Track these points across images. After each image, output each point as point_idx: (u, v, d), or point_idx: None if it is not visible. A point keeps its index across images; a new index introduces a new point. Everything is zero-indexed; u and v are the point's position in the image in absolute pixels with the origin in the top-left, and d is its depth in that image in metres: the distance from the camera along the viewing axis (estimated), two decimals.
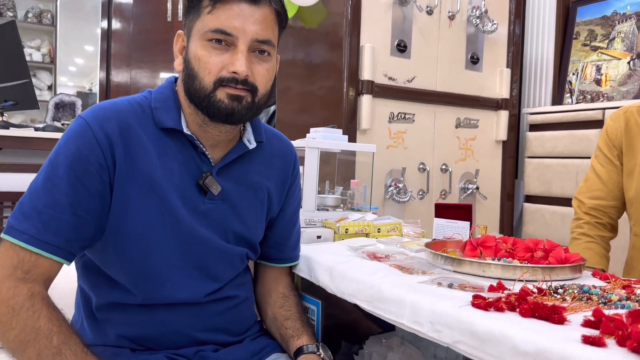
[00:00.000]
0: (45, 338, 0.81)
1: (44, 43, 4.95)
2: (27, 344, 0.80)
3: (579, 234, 1.52)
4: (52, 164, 0.87)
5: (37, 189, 0.86)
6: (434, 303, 0.84)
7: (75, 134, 0.88)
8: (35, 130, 2.09)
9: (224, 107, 0.90)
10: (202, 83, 0.90)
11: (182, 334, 0.97)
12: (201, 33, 0.90)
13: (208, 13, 0.89)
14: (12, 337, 0.81)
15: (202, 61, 0.90)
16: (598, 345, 0.65)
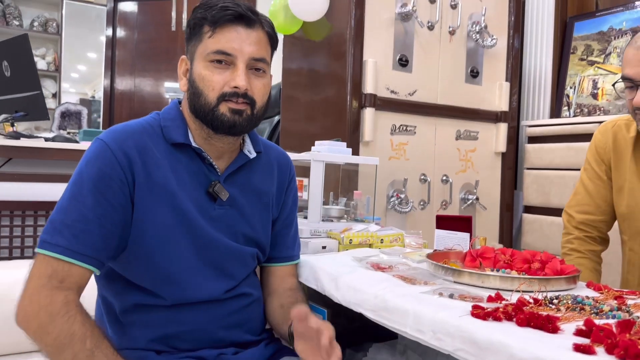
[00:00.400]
0: (79, 341, 0.87)
1: (49, 51, 5.01)
2: (64, 348, 0.87)
3: (569, 249, 1.54)
4: (76, 184, 0.95)
5: (64, 206, 0.94)
6: (435, 312, 0.89)
7: (96, 155, 0.97)
8: (45, 141, 2.14)
9: (227, 120, 1.00)
10: (206, 99, 1.00)
11: (204, 331, 1.04)
12: (204, 55, 1.00)
13: (209, 37, 1.00)
14: (49, 341, 0.88)
15: (206, 79, 1.00)
16: (588, 353, 0.70)
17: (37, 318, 0.89)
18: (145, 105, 4.47)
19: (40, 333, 0.89)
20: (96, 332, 0.90)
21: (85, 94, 5.27)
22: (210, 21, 1.00)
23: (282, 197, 1.21)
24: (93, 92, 5.29)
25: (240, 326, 1.10)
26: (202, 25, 1.01)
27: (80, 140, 2.18)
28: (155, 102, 4.46)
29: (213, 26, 1.00)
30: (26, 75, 2.18)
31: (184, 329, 1.02)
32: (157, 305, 1.02)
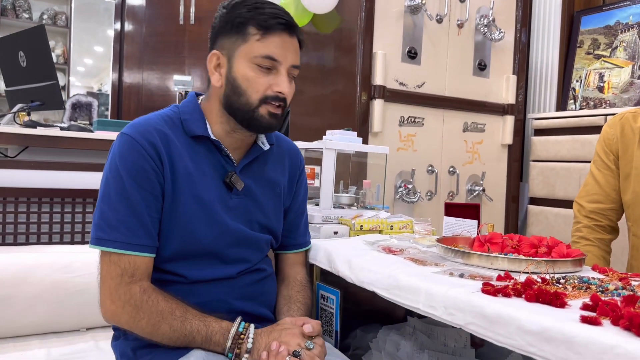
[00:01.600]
0: (170, 314, 0.97)
1: (58, 44, 5.05)
2: (159, 325, 0.97)
3: (578, 237, 1.59)
4: (116, 179, 1.01)
5: (113, 202, 1.00)
6: (447, 290, 0.93)
7: (127, 149, 1.02)
8: (60, 130, 2.17)
9: (265, 122, 1.07)
10: (249, 99, 1.05)
11: (221, 301, 1.10)
12: (249, 56, 1.04)
13: (257, 40, 1.03)
14: (144, 325, 0.98)
15: (251, 81, 1.04)
16: (594, 324, 0.74)
17: (124, 313, 0.98)
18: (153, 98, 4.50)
19: (132, 323, 0.98)
20: (179, 302, 0.99)
21: (91, 87, 5.30)
22: (259, 24, 1.03)
23: (294, 187, 1.26)
24: (100, 85, 5.33)
25: (254, 298, 1.15)
26: (247, 26, 1.03)
27: (95, 129, 2.22)
28: (163, 95, 4.49)
29: (263, 30, 1.03)
30: (42, 66, 2.22)
31: (202, 300, 1.07)
32: (175, 282, 1.07)
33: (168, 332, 0.97)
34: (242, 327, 0.99)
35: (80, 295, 1.57)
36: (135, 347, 1.04)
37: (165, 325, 0.97)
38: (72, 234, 1.95)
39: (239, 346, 0.96)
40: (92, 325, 1.64)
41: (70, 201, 1.96)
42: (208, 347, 0.97)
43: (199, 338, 0.97)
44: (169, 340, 0.97)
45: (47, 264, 1.57)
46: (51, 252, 1.64)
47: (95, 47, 5.22)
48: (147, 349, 1.03)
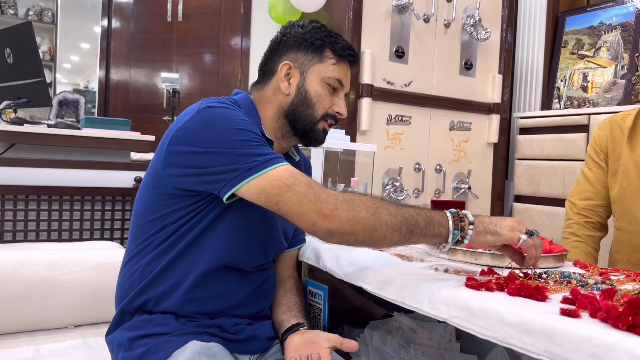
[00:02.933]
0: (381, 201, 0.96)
1: (44, 41, 5.01)
2: (378, 211, 0.94)
3: (568, 233, 1.64)
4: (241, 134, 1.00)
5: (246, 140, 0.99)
6: (431, 284, 0.95)
7: (231, 111, 1.04)
8: (47, 127, 2.17)
9: (320, 137, 1.18)
10: (315, 113, 1.14)
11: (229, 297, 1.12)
12: (323, 75, 1.13)
13: (333, 64, 1.14)
14: (364, 214, 0.93)
15: (322, 97, 1.14)
16: (573, 317, 0.76)
17: (341, 210, 0.93)
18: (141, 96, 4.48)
19: (351, 218, 0.93)
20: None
21: (77, 84, 5.27)
22: (336, 50, 1.14)
23: None
24: (86, 82, 5.29)
25: (259, 299, 1.17)
26: (324, 48, 1.14)
27: (82, 127, 2.22)
28: (151, 92, 4.48)
29: (338, 57, 1.14)
30: (29, 63, 2.21)
31: (213, 293, 1.09)
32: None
33: (388, 217, 0.94)
34: (454, 210, 0.98)
35: (68, 292, 1.57)
36: (132, 337, 1.05)
37: (383, 210, 0.94)
38: (59, 232, 1.95)
39: (461, 219, 0.96)
40: (80, 322, 1.64)
41: (58, 198, 1.96)
42: (430, 229, 0.95)
43: (420, 220, 0.95)
44: (391, 226, 0.94)
45: (34, 262, 1.57)
46: (39, 250, 1.64)
47: (81, 44, 5.19)
48: (144, 339, 1.03)
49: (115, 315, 1.14)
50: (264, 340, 1.14)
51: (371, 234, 0.94)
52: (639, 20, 2.57)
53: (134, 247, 1.13)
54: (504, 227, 0.96)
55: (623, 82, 2.57)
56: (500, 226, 0.96)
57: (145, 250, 1.11)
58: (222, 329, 1.09)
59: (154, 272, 1.08)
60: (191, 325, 1.07)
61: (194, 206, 1.06)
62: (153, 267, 1.09)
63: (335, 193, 0.96)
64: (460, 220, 0.96)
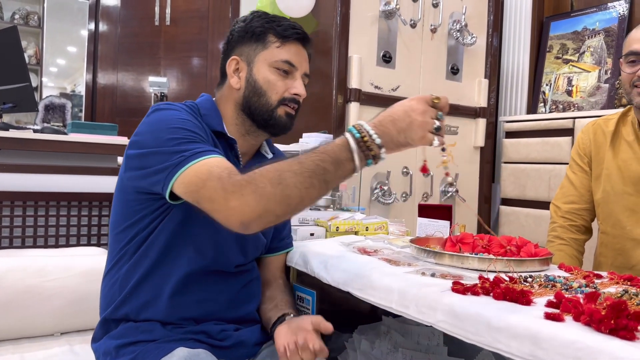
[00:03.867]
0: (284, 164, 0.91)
1: (30, 45, 4.97)
2: (282, 178, 0.88)
3: (553, 237, 1.65)
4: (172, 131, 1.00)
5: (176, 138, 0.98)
6: (419, 289, 0.96)
7: (174, 112, 1.04)
8: (33, 132, 2.15)
9: (282, 122, 1.15)
10: (269, 100, 1.13)
11: (214, 301, 1.12)
12: (270, 61, 1.12)
13: (277, 47, 1.12)
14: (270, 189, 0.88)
15: (272, 83, 1.12)
16: (557, 320, 0.77)
17: (246, 195, 0.88)
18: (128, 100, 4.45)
19: (259, 198, 0.88)
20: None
21: (64, 88, 5.23)
22: (278, 33, 1.13)
23: None
24: (73, 86, 5.25)
25: (243, 301, 1.17)
26: (267, 34, 1.13)
27: (69, 132, 2.20)
28: (138, 96, 4.45)
29: (282, 39, 1.12)
30: (15, 67, 2.19)
31: (197, 297, 1.09)
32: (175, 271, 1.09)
33: (295, 178, 0.88)
34: (355, 130, 0.90)
35: (54, 299, 1.56)
36: (118, 345, 1.05)
37: (287, 174, 0.88)
38: (45, 238, 1.93)
39: (369, 148, 0.90)
40: (67, 330, 1.63)
41: (44, 204, 1.94)
42: (341, 170, 0.90)
43: (328, 165, 0.89)
44: (302, 186, 0.88)
45: (20, 268, 1.55)
46: (24, 256, 1.63)
47: (68, 48, 5.15)
48: (130, 346, 1.03)
49: (99, 324, 1.14)
50: (251, 345, 1.14)
51: (287, 203, 0.89)
52: (622, 25, 2.61)
53: (112, 257, 1.14)
54: (414, 137, 0.91)
55: (607, 87, 2.60)
56: (410, 136, 0.91)
57: (122, 260, 1.11)
58: (209, 335, 1.09)
59: (133, 282, 1.08)
60: (178, 332, 1.07)
61: (159, 210, 1.06)
62: (131, 277, 1.09)
63: (240, 177, 0.90)
64: (368, 149, 0.89)
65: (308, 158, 0.90)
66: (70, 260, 1.64)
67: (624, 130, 1.54)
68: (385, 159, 0.91)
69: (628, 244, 1.50)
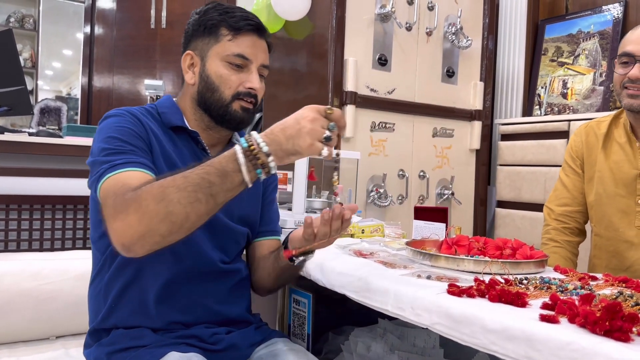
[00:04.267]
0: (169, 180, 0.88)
1: (25, 48, 4.95)
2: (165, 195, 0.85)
3: (547, 239, 1.66)
4: (107, 142, 1.00)
5: (106, 148, 0.99)
6: (414, 292, 0.96)
7: (114, 120, 1.04)
8: (29, 135, 2.14)
9: (238, 116, 1.11)
10: (222, 95, 1.10)
11: (200, 305, 1.11)
12: (222, 55, 1.09)
13: (229, 40, 1.09)
14: (153, 207, 0.85)
15: (224, 78, 1.09)
16: (553, 322, 0.78)
17: (129, 215, 0.86)
18: (124, 103, 4.44)
19: (142, 217, 0.85)
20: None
21: (60, 91, 5.21)
22: (230, 26, 1.09)
23: (267, 182, 1.30)
24: (69, 89, 5.24)
25: (232, 302, 1.16)
26: (219, 27, 1.10)
27: (65, 135, 2.19)
28: (134, 99, 4.44)
29: (234, 31, 1.09)
30: (10, 70, 2.18)
31: (181, 303, 1.08)
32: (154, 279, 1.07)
33: (179, 194, 0.84)
34: (244, 140, 0.87)
35: (49, 303, 1.55)
36: (110, 352, 1.04)
37: (171, 190, 0.85)
38: (41, 241, 1.92)
39: (256, 157, 0.86)
40: (62, 334, 1.62)
41: (39, 208, 1.94)
42: (229, 182, 0.86)
43: (214, 178, 0.85)
44: (186, 201, 0.84)
45: (15, 272, 1.55)
46: (20, 260, 1.62)
47: (64, 51, 5.14)
48: (122, 353, 1.03)
49: (89, 333, 1.13)
50: (245, 347, 1.13)
51: (171, 220, 0.84)
52: (616, 28, 2.63)
53: (95, 265, 1.14)
54: (302, 144, 0.85)
55: (602, 89, 2.62)
56: (298, 144, 0.85)
57: (104, 269, 1.11)
58: (200, 339, 1.08)
59: (116, 292, 1.08)
60: (169, 337, 1.06)
61: None
62: (114, 287, 1.08)
63: (130, 195, 0.87)
64: (256, 158, 0.86)
65: (194, 172, 0.87)
66: (65, 264, 1.64)
67: (616, 132, 1.55)
68: (275, 168, 0.87)
69: (622, 246, 1.50)
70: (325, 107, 0.88)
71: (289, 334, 1.41)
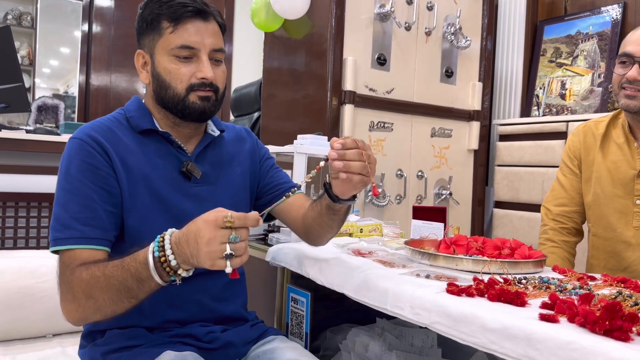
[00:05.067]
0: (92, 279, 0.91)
1: (23, 45, 4.94)
2: (91, 293, 0.91)
3: (544, 239, 1.66)
4: (67, 180, 1.00)
5: (64, 202, 0.99)
6: (413, 291, 0.96)
7: (75, 150, 1.02)
8: (26, 133, 2.14)
9: (197, 107, 1.06)
10: (175, 91, 1.05)
11: (195, 302, 1.10)
12: (167, 50, 1.05)
13: (170, 33, 1.04)
14: (84, 302, 0.92)
15: (173, 73, 1.05)
16: (552, 322, 0.78)
17: (66, 302, 0.94)
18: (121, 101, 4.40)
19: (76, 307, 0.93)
20: (98, 263, 0.94)
21: (57, 89, 5.20)
22: (169, 17, 1.04)
23: (257, 158, 1.27)
24: (66, 87, 5.23)
25: (227, 299, 1.15)
26: (159, 21, 1.05)
27: (62, 132, 2.19)
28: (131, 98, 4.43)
29: (174, 22, 1.03)
30: (7, 68, 2.18)
31: (175, 302, 1.08)
32: None
33: (103, 294, 0.90)
34: (157, 249, 0.88)
35: (46, 300, 1.55)
36: (105, 352, 1.04)
37: (97, 289, 0.90)
38: (38, 239, 1.92)
39: (167, 267, 0.87)
40: (59, 331, 1.61)
41: (37, 205, 1.93)
42: (146, 286, 0.89)
43: (132, 283, 0.89)
44: (111, 301, 0.90)
45: (12, 269, 1.54)
46: (17, 257, 1.61)
47: (61, 49, 5.12)
48: (117, 353, 1.02)
49: (84, 334, 1.12)
50: (241, 345, 1.13)
51: (101, 313, 0.92)
52: (615, 30, 2.63)
53: None
54: (203, 264, 0.84)
55: (600, 90, 2.62)
56: (201, 262, 0.84)
57: None
58: (196, 338, 1.07)
59: None
60: (164, 336, 1.06)
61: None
62: None
63: (68, 281, 0.93)
64: (166, 268, 0.87)
65: (114, 274, 0.89)
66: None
67: (614, 132, 1.55)
68: (189, 273, 0.89)
69: (619, 246, 1.50)
70: (223, 217, 0.83)
71: (286, 332, 1.41)
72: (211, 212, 0.85)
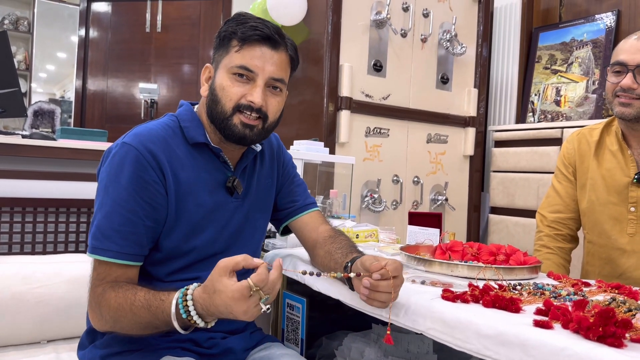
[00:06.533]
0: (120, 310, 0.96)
1: (19, 50, 4.94)
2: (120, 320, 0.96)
3: (539, 246, 1.66)
4: (116, 188, 1.01)
5: (109, 212, 1.00)
6: (408, 297, 0.96)
7: (130, 161, 1.01)
8: (22, 138, 2.13)
9: (237, 131, 1.07)
10: (223, 108, 1.06)
11: None
12: (228, 67, 1.07)
13: (236, 52, 1.06)
14: (112, 323, 0.98)
15: (226, 90, 1.06)
16: (546, 328, 0.78)
17: (93, 313, 0.99)
18: (118, 106, 4.43)
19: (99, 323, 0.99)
20: (126, 293, 0.97)
21: (54, 94, 5.20)
22: (239, 37, 1.06)
23: (281, 168, 1.29)
24: (62, 92, 5.22)
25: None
26: (231, 39, 1.07)
27: (58, 137, 2.18)
28: (128, 103, 4.44)
29: (241, 42, 1.05)
30: (4, 72, 2.17)
31: None
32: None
33: (129, 324, 0.96)
34: (183, 311, 0.91)
35: (41, 306, 1.54)
36: (104, 355, 1.04)
37: (124, 319, 0.96)
38: (32, 244, 1.91)
39: (193, 324, 0.92)
40: (54, 337, 1.61)
41: (32, 210, 1.92)
42: (172, 328, 0.93)
43: (160, 324, 0.94)
44: (135, 331, 0.97)
45: (6, 275, 1.53)
46: (11, 263, 1.60)
47: (58, 54, 5.12)
48: (116, 356, 1.02)
49: (85, 332, 1.12)
50: (240, 352, 1.13)
51: (126, 333, 0.98)
52: (609, 37, 2.65)
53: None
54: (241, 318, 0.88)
55: (594, 97, 2.64)
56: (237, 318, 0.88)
57: None
58: (196, 344, 1.08)
59: None
60: (164, 341, 1.06)
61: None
62: None
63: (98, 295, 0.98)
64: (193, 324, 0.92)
65: (141, 314, 0.93)
66: (57, 267, 1.62)
67: (608, 139, 1.56)
68: (213, 323, 0.95)
69: (614, 253, 1.51)
70: (247, 288, 0.86)
71: (282, 338, 1.41)
72: (232, 285, 0.86)
